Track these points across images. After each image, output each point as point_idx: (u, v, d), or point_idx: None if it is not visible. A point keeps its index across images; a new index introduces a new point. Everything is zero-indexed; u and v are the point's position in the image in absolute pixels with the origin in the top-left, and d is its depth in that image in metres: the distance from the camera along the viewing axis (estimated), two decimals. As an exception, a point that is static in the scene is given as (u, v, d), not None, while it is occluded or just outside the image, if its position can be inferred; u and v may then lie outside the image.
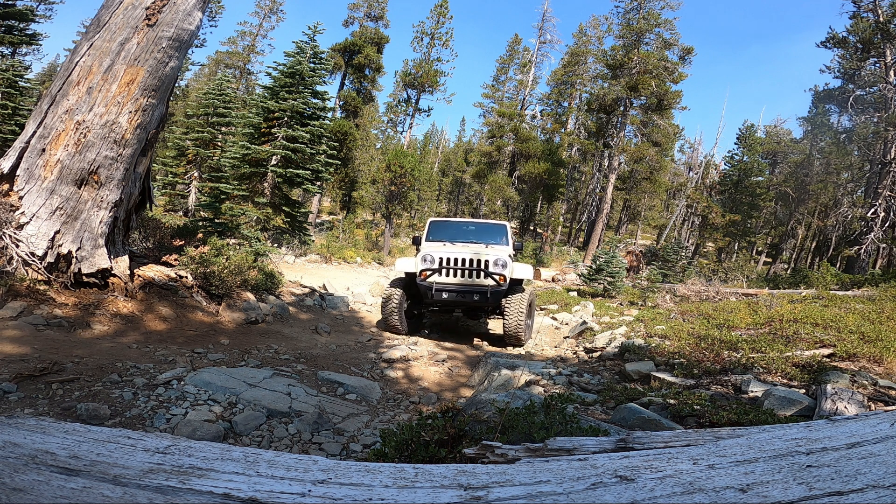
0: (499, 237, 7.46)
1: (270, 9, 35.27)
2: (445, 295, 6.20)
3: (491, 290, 6.14)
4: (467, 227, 8.03)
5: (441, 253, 6.39)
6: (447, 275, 6.32)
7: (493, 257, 6.31)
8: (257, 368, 4.01)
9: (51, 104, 4.40)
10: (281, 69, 14.19)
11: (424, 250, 6.51)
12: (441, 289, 6.23)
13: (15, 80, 14.97)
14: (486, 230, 7.81)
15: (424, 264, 6.38)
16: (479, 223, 8.20)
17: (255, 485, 0.82)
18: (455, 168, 46.59)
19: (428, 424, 2.16)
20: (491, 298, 6.18)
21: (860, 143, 19.82)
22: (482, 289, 6.17)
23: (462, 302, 6.31)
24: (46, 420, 1.04)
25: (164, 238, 7.04)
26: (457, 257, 6.32)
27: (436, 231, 7.65)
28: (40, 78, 35.60)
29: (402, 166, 20.06)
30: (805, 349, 4.51)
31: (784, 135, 33.47)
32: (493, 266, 6.27)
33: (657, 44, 23.40)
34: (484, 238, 7.42)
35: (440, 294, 6.21)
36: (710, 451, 1.17)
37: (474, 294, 6.18)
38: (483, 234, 7.65)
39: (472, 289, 6.23)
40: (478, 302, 6.21)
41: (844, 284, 11.39)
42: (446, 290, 6.21)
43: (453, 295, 6.23)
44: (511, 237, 7.57)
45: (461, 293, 6.23)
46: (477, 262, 6.29)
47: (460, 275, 6.32)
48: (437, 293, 6.21)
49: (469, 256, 6.31)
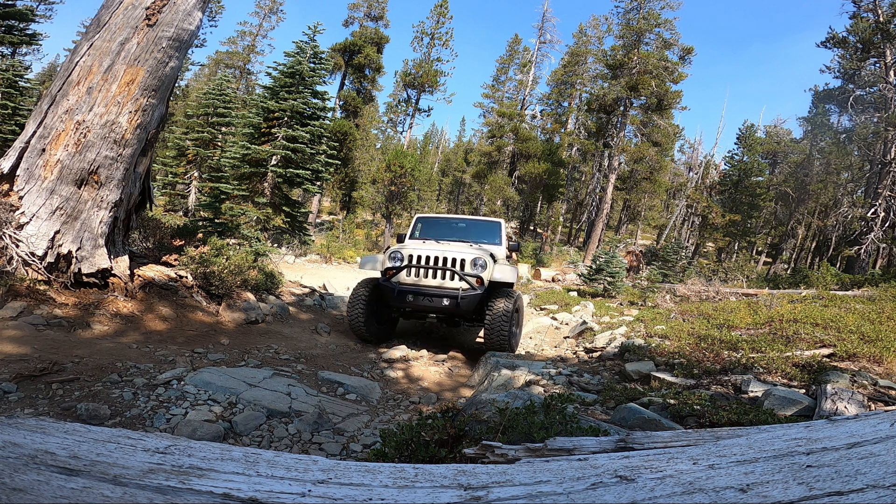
0: (492, 236, 6.83)
1: (270, 9, 35.28)
2: (411, 298, 5.33)
3: (462, 294, 5.21)
4: (457, 224, 7.31)
5: (413, 250, 5.55)
6: (416, 275, 5.47)
7: (471, 256, 5.44)
8: (257, 368, 4.01)
9: (51, 104, 4.40)
10: (281, 69, 14.19)
11: (394, 247, 5.76)
12: (405, 290, 5.36)
13: (15, 80, 14.98)
14: (478, 228, 7.15)
15: (391, 262, 5.57)
16: (470, 220, 7.50)
17: (255, 485, 0.82)
18: (455, 168, 46.61)
19: (428, 424, 2.16)
20: (464, 304, 5.22)
21: (860, 143, 19.82)
22: (453, 293, 5.25)
23: (430, 307, 5.37)
24: (46, 420, 1.04)
25: (164, 238, 7.04)
26: (428, 255, 5.45)
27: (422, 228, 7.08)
28: (40, 78, 35.61)
29: (402, 166, 20.07)
30: (805, 349, 4.51)
31: (784, 135, 33.48)
32: (469, 266, 5.40)
33: (657, 44, 23.41)
34: (475, 236, 6.79)
35: (404, 297, 5.36)
36: (710, 451, 1.17)
37: (444, 298, 5.24)
38: (475, 232, 6.99)
39: (442, 292, 5.30)
40: (448, 308, 5.27)
41: (844, 284, 11.39)
42: (412, 292, 5.34)
43: (420, 299, 5.33)
44: (506, 236, 6.96)
45: (429, 297, 5.31)
46: (452, 261, 5.41)
47: (431, 275, 5.43)
48: (400, 296, 5.37)
49: (443, 255, 5.43)
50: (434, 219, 7.38)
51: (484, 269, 5.42)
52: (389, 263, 5.57)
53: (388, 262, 5.58)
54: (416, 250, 5.52)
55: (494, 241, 6.72)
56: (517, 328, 6.03)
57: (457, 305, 5.22)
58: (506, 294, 5.51)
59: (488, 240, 6.72)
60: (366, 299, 5.63)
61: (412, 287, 5.41)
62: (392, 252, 5.60)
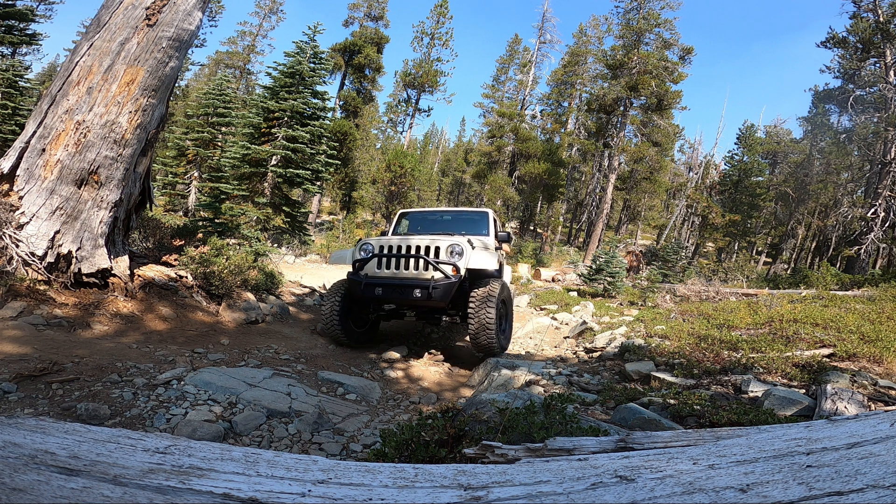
0: (479, 227, 6.45)
1: (270, 9, 35.29)
2: (380, 290, 4.91)
3: (434, 283, 4.76)
4: (442, 217, 6.93)
5: (384, 240, 5.21)
6: (387, 266, 5.05)
7: (445, 244, 5.01)
8: (257, 368, 4.01)
9: (51, 104, 4.40)
10: (281, 69, 14.19)
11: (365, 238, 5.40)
12: (373, 282, 4.96)
13: (15, 80, 14.98)
14: (464, 219, 6.74)
15: (361, 254, 5.21)
16: (456, 212, 7.06)
17: (255, 485, 0.82)
18: (455, 168, 46.63)
19: (428, 424, 2.16)
20: (436, 294, 4.77)
21: (860, 143, 19.82)
22: (425, 283, 4.81)
23: (402, 300, 4.96)
24: (46, 420, 1.04)
25: (164, 238, 7.04)
26: (399, 244, 5.06)
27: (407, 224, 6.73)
28: (40, 78, 35.63)
29: (402, 166, 20.08)
30: (805, 349, 4.51)
31: (784, 135, 33.50)
32: (444, 254, 4.95)
33: (657, 44, 23.41)
34: (462, 228, 6.43)
35: (372, 290, 4.94)
36: (710, 451, 1.17)
37: (415, 289, 4.82)
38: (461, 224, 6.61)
39: (413, 282, 4.86)
40: (420, 299, 4.82)
41: (844, 284, 11.39)
42: (381, 284, 4.93)
43: (390, 291, 4.92)
44: (494, 226, 6.55)
45: (399, 288, 4.88)
46: (425, 249, 4.97)
47: (403, 266, 5.01)
48: (367, 289, 4.96)
49: (415, 244, 5.02)
50: (418, 213, 7.03)
51: (461, 256, 4.96)
52: (359, 255, 5.20)
53: (358, 255, 5.22)
54: (388, 240, 5.16)
55: (482, 232, 6.36)
56: (506, 322, 5.57)
57: (429, 296, 4.77)
58: (488, 283, 5.13)
59: (476, 231, 6.37)
60: (340, 300, 5.29)
61: (381, 279, 4.99)
62: (362, 243, 5.26)
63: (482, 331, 4.83)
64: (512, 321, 5.85)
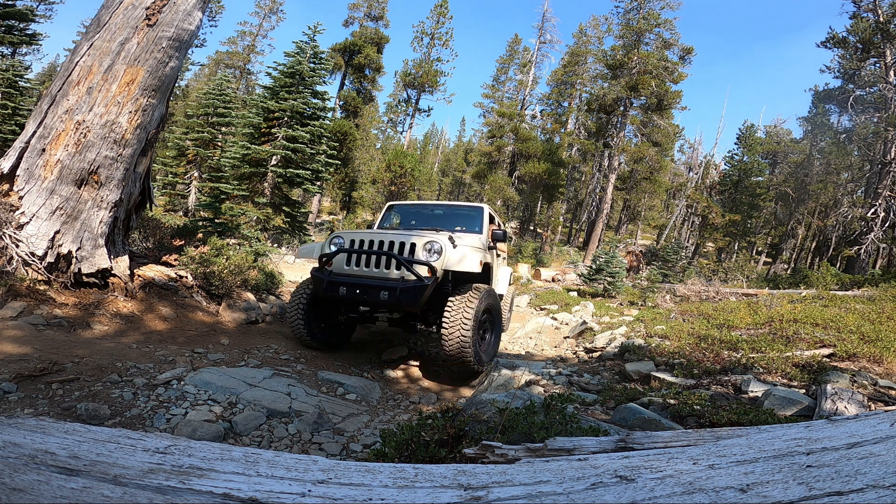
0: (473, 223, 5.94)
1: (270, 9, 35.29)
2: (344, 290, 4.40)
3: (402, 285, 4.21)
4: (433, 211, 6.41)
5: (355, 233, 4.71)
6: (356, 263, 4.55)
7: (423, 240, 4.47)
8: (257, 368, 4.01)
9: (51, 104, 4.40)
10: (281, 69, 14.19)
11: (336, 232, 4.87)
12: (337, 280, 4.45)
13: (15, 80, 14.98)
14: (457, 215, 6.22)
15: (331, 248, 4.72)
16: (448, 206, 6.49)
17: (255, 485, 0.82)
18: (455, 168, 46.65)
19: (428, 424, 2.16)
20: (404, 298, 4.21)
21: (860, 143, 19.83)
22: (392, 283, 4.28)
23: (367, 301, 4.41)
24: (46, 420, 1.04)
25: (164, 238, 7.04)
26: (372, 239, 4.55)
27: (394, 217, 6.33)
28: (40, 78, 35.64)
29: (402, 166, 20.09)
30: (805, 349, 4.51)
31: (784, 135, 33.51)
32: (421, 251, 4.42)
33: (657, 44, 23.41)
34: (454, 224, 5.96)
35: (335, 289, 4.43)
36: (710, 451, 1.17)
37: (381, 290, 4.26)
38: (453, 219, 6.12)
39: (380, 282, 4.32)
40: (387, 302, 4.26)
41: (844, 284, 11.39)
42: (344, 282, 4.41)
43: (354, 291, 4.37)
44: (488, 223, 6.04)
45: (364, 288, 4.33)
46: (400, 245, 4.45)
47: (374, 264, 4.47)
48: (330, 287, 4.46)
49: (389, 239, 4.51)
50: (408, 206, 6.53)
51: (438, 255, 4.40)
52: (329, 249, 4.71)
53: (328, 248, 4.73)
54: (360, 234, 4.67)
55: (474, 229, 5.82)
56: (492, 333, 4.97)
57: (397, 299, 4.20)
58: (471, 287, 4.55)
59: (468, 227, 5.86)
60: (306, 300, 4.85)
61: (346, 277, 4.49)
62: (333, 236, 4.78)
63: (454, 343, 4.24)
64: (500, 332, 5.21)
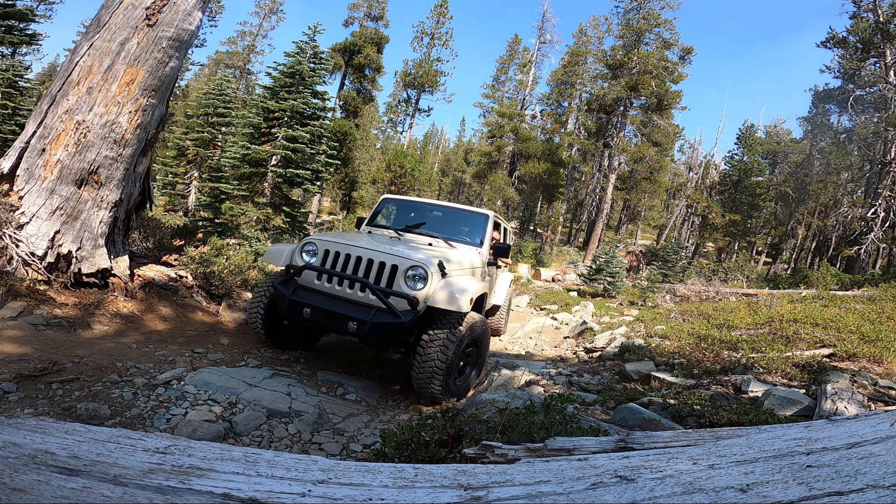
0: (474, 233, 5.20)
1: (270, 9, 35.29)
2: (308, 312, 3.74)
3: (373, 320, 3.55)
4: (432, 211, 5.64)
5: (332, 242, 3.98)
6: (328, 279, 3.89)
7: (407, 263, 3.73)
8: (257, 368, 4.01)
9: (51, 104, 4.40)
10: (281, 69, 14.19)
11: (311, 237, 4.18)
12: (301, 301, 3.78)
13: (15, 80, 14.97)
14: (457, 220, 5.49)
15: (303, 256, 4.06)
16: (449, 208, 5.69)
17: (255, 485, 0.82)
18: (455, 168, 46.66)
19: (428, 424, 2.16)
20: (374, 335, 3.59)
21: (860, 143, 19.83)
22: (363, 315, 3.61)
23: (333, 329, 3.80)
24: (46, 420, 1.04)
25: (164, 238, 7.04)
26: (349, 253, 3.85)
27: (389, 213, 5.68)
28: (40, 78, 35.64)
29: (402, 166, 20.09)
30: (805, 349, 4.52)
31: (784, 135, 33.50)
32: (401, 277, 3.71)
33: (657, 44, 23.41)
34: (451, 231, 5.18)
35: (298, 309, 3.78)
36: (710, 451, 1.17)
37: (349, 321, 3.62)
38: (452, 224, 5.37)
39: (350, 312, 3.66)
40: (355, 335, 3.68)
41: (844, 284, 11.39)
42: (310, 304, 3.74)
43: (319, 316, 3.73)
44: (491, 234, 5.27)
45: (331, 315, 3.69)
46: (379, 266, 3.76)
47: (348, 284, 3.82)
48: (292, 307, 3.80)
49: (367, 255, 3.81)
50: (405, 203, 5.78)
51: (424, 283, 3.70)
52: (299, 260, 4.07)
53: (298, 258, 4.08)
54: (336, 244, 3.94)
55: (475, 241, 5.10)
56: (473, 367, 4.34)
57: (366, 336, 3.59)
58: (451, 324, 3.74)
59: (468, 237, 5.15)
60: (267, 302, 4.32)
61: (311, 298, 3.82)
62: (306, 243, 4.08)
63: (424, 380, 3.66)
64: (483, 364, 4.55)
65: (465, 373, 4.23)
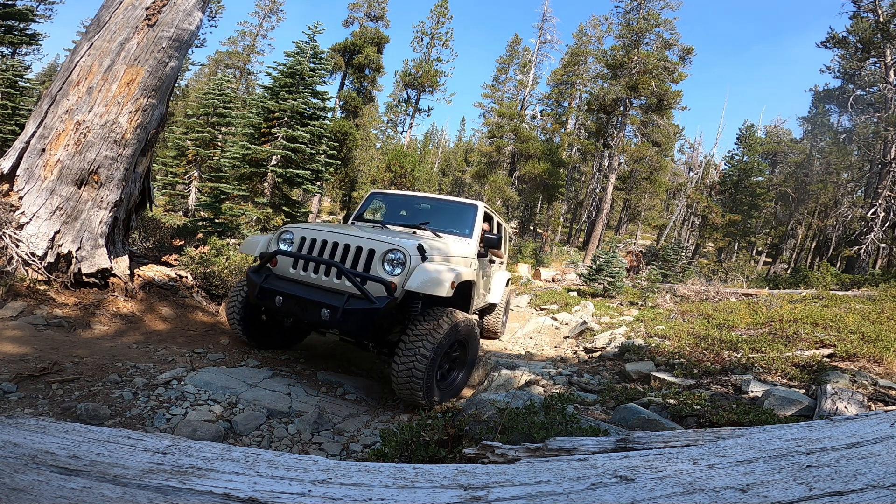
0: (462, 224, 5.01)
1: (270, 9, 35.30)
2: (280, 300, 3.58)
3: (347, 306, 3.32)
4: (419, 204, 5.51)
5: (307, 230, 3.85)
6: (303, 267, 3.72)
7: (384, 247, 3.54)
8: (257, 368, 4.01)
9: (51, 104, 4.40)
10: (281, 69, 14.19)
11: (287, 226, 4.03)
12: (272, 288, 3.63)
13: (15, 80, 14.97)
14: (445, 212, 5.30)
15: (280, 245, 3.93)
16: (436, 200, 5.54)
17: (255, 485, 0.82)
18: (455, 168, 46.67)
19: (428, 424, 2.16)
20: (349, 322, 3.35)
21: (860, 143, 19.83)
22: (335, 302, 3.37)
23: (306, 318, 3.54)
24: (46, 420, 1.04)
25: (164, 238, 7.04)
26: (325, 239, 3.70)
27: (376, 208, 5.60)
28: (40, 78, 35.65)
29: (402, 166, 20.09)
30: (805, 349, 4.52)
31: (784, 135, 33.52)
32: (378, 262, 3.51)
33: (657, 44, 23.41)
34: (441, 222, 5.04)
35: (271, 298, 3.63)
36: (710, 451, 1.17)
37: (322, 308, 3.40)
38: (441, 216, 5.22)
39: (323, 298, 3.44)
40: (328, 323, 3.40)
41: (844, 284, 11.39)
42: (282, 291, 3.59)
43: (291, 304, 3.55)
44: (481, 226, 5.07)
45: (303, 302, 3.49)
46: (356, 251, 3.60)
47: (323, 271, 3.64)
48: (263, 294, 3.65)
49: (344, 241, 3.65)
50: (393, 196, 5.69)
51: (402, 267, 3.49)
52: (275, 247, 3.92)
53: (275, 246, 3.94)
54: (313, 232, 3.81)
55: (463, 232, 4.91)
56: (461, 370, 4.07)
57: (340, 322, 3.34)
58: (443, 314, 3.58)
59: (456, 229, 4.96)
60: (244, 297, 4.17)
61: (284, 285, 3.66)
62: (283, 231, 3.96)
63: (404, 382, 3.42)
64: (473, 366, 4.27)
65: (449, 376, 3.99)
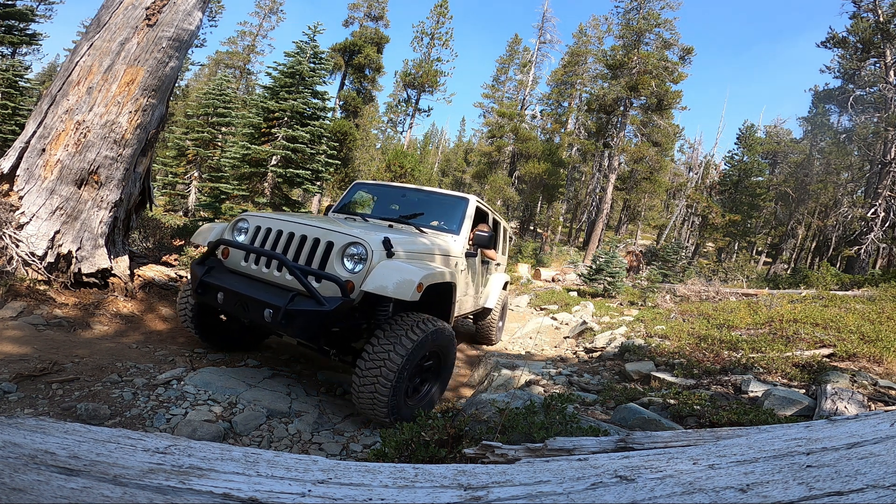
0: (451, 220, 4.53)
1: (270, 9, 35.30)
2: (221, 297, 3.17)
3: (290, 307, 2.83)
4: (405, 195, 5.03)
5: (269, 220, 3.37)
6: (255, 260, 3.28)
7: (345, 240, 3.05)
8: (257, 368, 4.01)
9: (51, 104, 4.40)
10: (281, 69, 14.19)
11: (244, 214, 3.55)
12: (214, 283, 3.20)
13: (15, 80, 14.97)
14: (434, 205, 4.79)
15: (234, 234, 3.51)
16: (424, 192, 5.02)
17: (255, 485, 0.82)
18: (455, 168, 46.67)
19: (428, 424, 2.16)
20: (295, 325, 2.85)
21: (860, 143, 19.83)
22: (278, 301, 2.89)
23: (250, 318, 3.07)
24: (46, 420, 1.04)
25: (164, 238, 7.04)
26: (280, 229, 3.26)
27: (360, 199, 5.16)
28: (40, 78, 35.65)
29: (402, 166, 20.08)
30: (805, 349, 4.52)
31: (784, 135, 33.51)
32: (337, 256, 3.03)
33: (657, 44, 23.40)
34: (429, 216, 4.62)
35: (212, 293, 3.23)
36: (710, 451, 1.17)
37: (265, 308, 2.93)
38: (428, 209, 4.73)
39: (268, 296, 2.97)
40: (271, 323, 2.92)
41: (844, 284, 11.39)
42: (224, 286, 3.14)
43: (233, 301, 3.12)
44: (470, 221, 4.58)
45: (246, 301, 3.04)
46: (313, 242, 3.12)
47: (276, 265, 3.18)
48: (204, 289, 3.27)
49: (300, 231, 3.19)
50: (377, 187, 5.22)
51: (364, 264, 3.00)
52: (229, 236, 3.50)
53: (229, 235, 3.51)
54: (271, 220, 3.37)
55: (451, 228, 4.44)
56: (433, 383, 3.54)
57: (280, 325, 2.85)
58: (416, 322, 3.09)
59: (445, 223, 4.50)
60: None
61: (228, 280, 3.20)
62: (239, 219, 3.53)
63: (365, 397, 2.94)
64: (447, 379, 3.70)
65: (421, 390, 3.47)
